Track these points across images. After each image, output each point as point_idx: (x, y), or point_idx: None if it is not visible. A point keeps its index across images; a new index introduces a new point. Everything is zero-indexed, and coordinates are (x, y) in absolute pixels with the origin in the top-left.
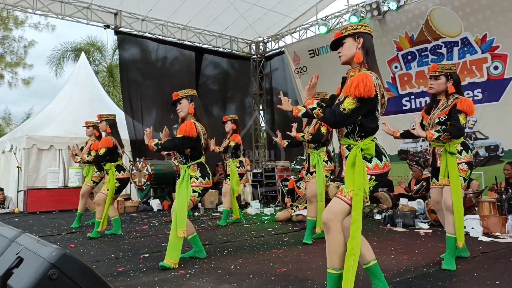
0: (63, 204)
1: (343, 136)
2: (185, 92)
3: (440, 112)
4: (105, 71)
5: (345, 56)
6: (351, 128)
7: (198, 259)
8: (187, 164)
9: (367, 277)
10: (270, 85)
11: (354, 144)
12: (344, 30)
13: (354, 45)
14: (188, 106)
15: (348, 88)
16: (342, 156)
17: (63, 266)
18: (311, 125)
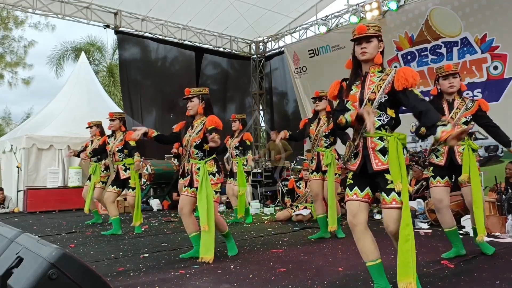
0: (63, 204)
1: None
2: (197, 91)
3: (465, 112)
4: (105, 71)
5: (370, 54)
6: (388, 120)
7: (198, 259)
8: (205, 160)
9: (367, 277)
10: (270, 85)
11: (388, 135)
12: (372, 28)
13: (378, 46)
14: (198, 106)
15: (405, 79)
16: (372, 149)
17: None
18: (322, 124)
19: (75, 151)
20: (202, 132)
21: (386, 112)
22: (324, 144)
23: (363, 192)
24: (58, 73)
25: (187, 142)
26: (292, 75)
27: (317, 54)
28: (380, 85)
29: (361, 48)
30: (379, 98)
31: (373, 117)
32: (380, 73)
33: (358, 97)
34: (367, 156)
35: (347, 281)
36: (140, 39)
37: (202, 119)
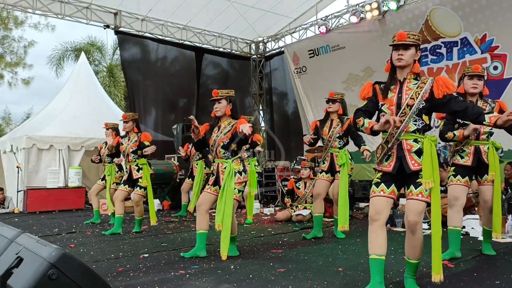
0: (63, 204)
1: (409, 132)
2: (225, 93)
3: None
4: (105, 71)
5: (406, 62)
6: (422, 125)
7: (198, 259)
8: (231, 159)
9: (367, 277)
10: (269, 85)
11: (422, 137)
12: (412, 36)
13: (415, 54)
14: (226, 107)
15: (445, 87)
16: (408, 151)
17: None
18: (335, 125)
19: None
20: (230, 133)
21: (422, 117)
22: (338, 145)
23: (389, 189)
24: (58, 73)
25: (214, 142)
26: (292, 75)
27: (317, 54)
28: (418, 92)
29: (398, 54)
30: (417, 104)
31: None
32: (415, 80)
33: (395, 101)
34: (402, 157)
35: (347, 281)
36: (140, 39)
37: (230, 120)
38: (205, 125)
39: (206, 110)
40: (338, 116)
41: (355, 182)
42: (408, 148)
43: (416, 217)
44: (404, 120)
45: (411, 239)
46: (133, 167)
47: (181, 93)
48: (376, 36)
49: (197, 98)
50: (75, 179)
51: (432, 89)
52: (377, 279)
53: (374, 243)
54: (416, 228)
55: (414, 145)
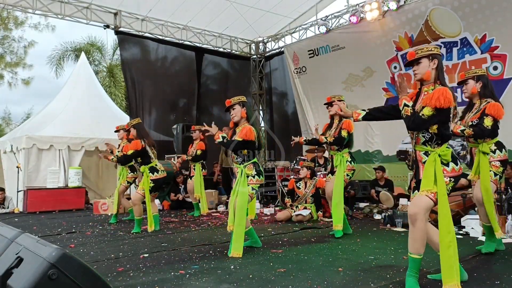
0: (63, 204)
1: (420, 144)
2: (237, 99)
3: (473, 116)
4: (105, 71)
5: (421, 74)
6: (429, 137)
7: (198, 259)
8: (244, 164)
9: (367, 277)
10: (269, 85)
11: (432, 150)
12: (420, 51)
13: (429, 65)
14: (241, 111)
15: (429, 99)
16: (419, 161)
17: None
18: (333, 128)
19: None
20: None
21: (428, 129)
22: (335, 147)
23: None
24: (58, 73)
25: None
26: (292, 75)
27: (316, 55)
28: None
29: (413, 71)
30: None
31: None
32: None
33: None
34: (417, 166)
35: (347, 281)
36: (140, 39)
37: (246, 123)
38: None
39: (206, 110)
40: (339, 118)
41: (355, 182)
42: (419, 158)
43: (415, 209)
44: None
45: (412, 231)
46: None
47: (181, 93)
48: (376, 36)
49: (197, 98)
50: (75, 179)
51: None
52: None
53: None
54: (416, 219)
55: (423, 157)
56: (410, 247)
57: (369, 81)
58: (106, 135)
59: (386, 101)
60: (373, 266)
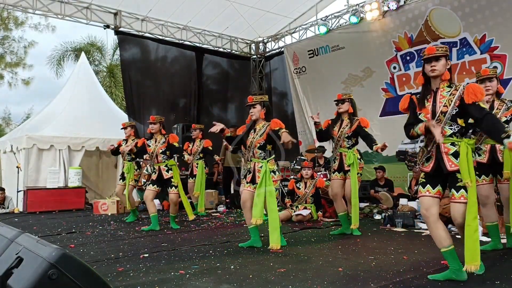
0: (63, 204)
1: (446, 136)
2: (259, 98)
3: (505, 112)
4: (105, 71)
5: (439, 72)
6: (458, 129)
7: (198, 259)
8: (267, 159)
9: (367, 277)
10: (269, 85)
11: (459, 141)
12: (440, 49)
13: (446, 64)
14: (260, 111)
15: (474, 95)
16: (445, 153)
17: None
18: (344, 126)
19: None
20: (265, 134)
21: (457, 122)
22: (347, 145)
23: (435, 189)
24: (58, 73)
25: (251, 144)
26: (291, 75)
27: (316, 55)
28: (450, 99)
29: (431, 66)
30: (450, 110)
31: (438, 129)
32: (449, 88)
33: (431, 109)
34: (440, 159)
35: (347, 281)
36: (140, 40)
37: (264, 123)
38: (242, 127)
39: (206, 110)
40: (348, 116)
41: None
42: (446, 150)
43: (461, 219)
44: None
45: (463, 236)
46: (162, 167)
47: (181, 93)
48: (376, 36)
49: (197, 98)
50: (75, 179)
51: (462, 95)
52: (455, 266)
53: (437, 238)
54: (463, 226)
55: (451, 148)
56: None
57: (369, 81)
58: (106, 135)
59: (386, 101)
60: (373, 266)
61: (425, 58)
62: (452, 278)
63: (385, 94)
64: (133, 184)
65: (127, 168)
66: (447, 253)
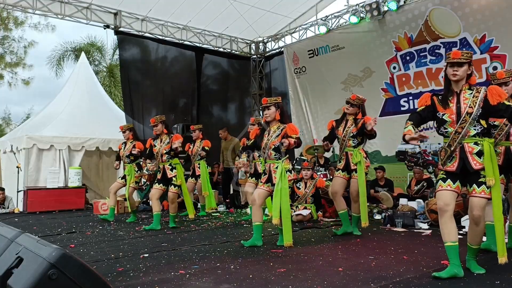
0: (63, 204)
1: (470, 136)
2: (274, 100)
3: None
4: (105, 71)
5: (460, 77)
6: (481, 129)
7: (198, 258)
8: (282, 159)
9: (367, 277)
10: (269, 85)
11: (481, 140)
12: (466, 54)
13: (468, 70)
14: (275, 113)
15: (498, 96)
16: (469, 153)
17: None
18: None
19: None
20: (280, 137)
21: (480, 122)
22: (352, 144)
23: (455, 184)
24: (58, 73)
25: (266, 145)
26: (291, 75)
27: (316, 55)
28: (474, 101)
29: (453, 70)
30: (476, 111)
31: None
32: (470, 90)
33: (455, 111)
34: (465, 158)
35: (347, 281)
36: (140, 40)
37: (279, 125)
38: (255, 130)
39: (206, 110)
40: (354, 114)
41: None
42: (470, 150)
43: (479, 212)
44: (465, 126)
45: (475, 230)
46: (166, 166)
47: (181, 93)
48: (375, 36)
49: (197, 98)
50: (75, 179)
51: (486, 97)
52: (456, 263)
53: (447, 232)
54: (480, 221)
55: (475, 148)
56: (472, 240)
57: (368, 81)
58: (106, 135)
59: (385, 101)
60: (373, 266)
61: (449, 62)
62: (454, 274)
63: (385, 94)
64: (134, 186)
65: (128, 170)
66: (451, 248)
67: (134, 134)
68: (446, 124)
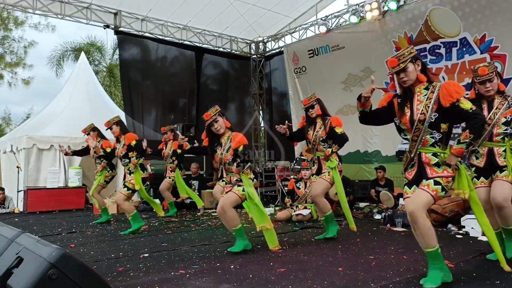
0: (63, 204)
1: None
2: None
3: (505, 112)
4: (105, 71)
5: (411, 80)
6: (439, 138)
7: (198, 259)
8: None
9: (367, 277)
10: (269, 85)
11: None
12: (402, 57)
13: (415, 67)
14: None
15: (449, 96)
16: (426, 163)
17: (63, 266)
18: (318, 129)
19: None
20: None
21: (439, 129)
22: (323, 148)
23: (411, 189)
24: (58, 73)
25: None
26: (291, 75)
27: (316, 54)
28: (427, 104)
29: (400, 78)
30: (428, 118)
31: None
32: (426, 90)
33: (409, 118)
34: (422, 168)
35: (347, 281)
36: (140, 39)
37: (322, 118)
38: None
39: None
40: (321, 117)
41: (354, 182)
42: (427, 161)
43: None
44: (419, 135)
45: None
46: (126, 170)
47: (181, 93)
48: (376, 36)
49: (197, 98)
50: (75, 179)
51: (439, 98)
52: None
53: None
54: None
55: (432, 159)
56: (422, 243)
57: (368, 81)
58: (106, 135)
59: None
60: (373, 266)
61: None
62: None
63: (385, 94)
64: (102, 185)
65: (99, 171)
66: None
67: (99, 133)
68: (405, 132)
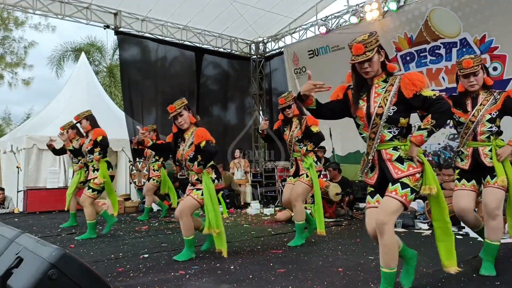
0: (63, 204)
1: (384, 141)
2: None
3: (490, 108)
4: (105, 71)
5: (373, 72)
6: (398, 131)
7: (198, 259)
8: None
9: (367, 277)
10: (269, 86)
11: (402, 144)
12: (369, 45)
13: (379, 57)
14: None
15: (412, 85)
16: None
17: (63, 266)
18: (294, 129)
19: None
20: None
21: (397, 123)
22: (299, 149)
23: (374, 198)
24: (58, 73)
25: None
26: (292, 75)
27: (316, 55)
28: (386, 97)
29: (364, 68)
30: (387, 112)
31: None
32: (384, 82)
33: (365, 112)
34: (384, 167)
35: (347, 281)
36: (140, 40)
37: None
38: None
39: (206, 110)
40: (297, 117)
41: (354, 182)
42: (388, 157)
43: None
44: (377, 131)
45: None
46: (90, 167)
47: (181, 93)
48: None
49: (197, 99)
50: None
51: (400, 89)
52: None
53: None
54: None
55: (393, 154)
56: (382, 261)
57: None
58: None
59: None
60: (373, 266)
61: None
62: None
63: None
64: (80, 187)
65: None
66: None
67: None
68: (360, 128)
